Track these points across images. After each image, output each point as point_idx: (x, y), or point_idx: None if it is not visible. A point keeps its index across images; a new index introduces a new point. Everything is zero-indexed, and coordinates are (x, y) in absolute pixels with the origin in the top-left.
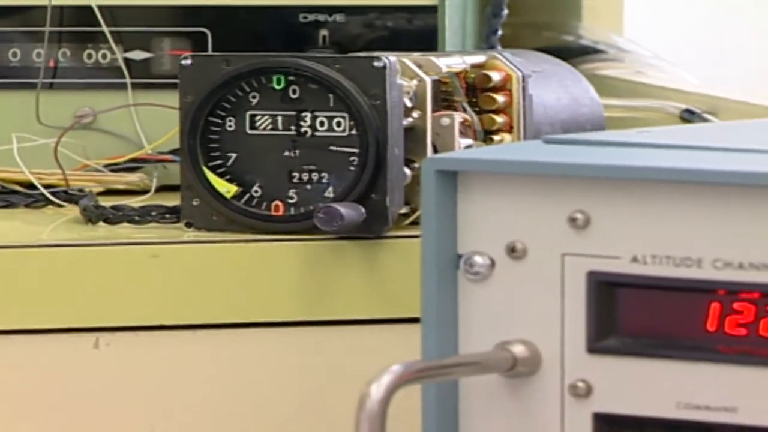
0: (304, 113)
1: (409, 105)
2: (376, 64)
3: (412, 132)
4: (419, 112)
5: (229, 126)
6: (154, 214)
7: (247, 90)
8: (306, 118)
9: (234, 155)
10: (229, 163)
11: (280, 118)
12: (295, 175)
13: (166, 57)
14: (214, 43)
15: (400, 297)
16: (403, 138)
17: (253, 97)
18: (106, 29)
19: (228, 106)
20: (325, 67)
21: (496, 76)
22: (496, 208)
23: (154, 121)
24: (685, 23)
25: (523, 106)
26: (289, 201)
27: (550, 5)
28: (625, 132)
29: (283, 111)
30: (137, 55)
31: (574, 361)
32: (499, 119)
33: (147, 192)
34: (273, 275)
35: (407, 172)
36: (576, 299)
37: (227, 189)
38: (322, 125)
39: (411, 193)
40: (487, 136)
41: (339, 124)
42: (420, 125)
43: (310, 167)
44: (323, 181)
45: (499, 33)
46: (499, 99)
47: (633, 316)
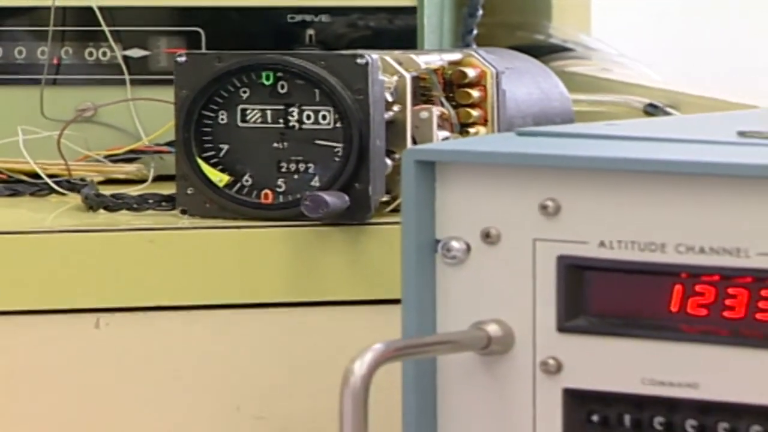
0: (291, 107)
1: (390, 99)
2: (359, 61)
3: (393, 125)
4: (399, 106)
5: (222, 119)
6: (151, 202)
7: (238, 85)
8: (293, 112)
9: (226, 147)
10: (221, 154)
11: (269, 112)
12: (283, 166)
13: (162, 55)
14: (207, 41)
15: (381, 279)
16: (385, 130)
17: (244, 92)
18: (106, 29)
19: (220, 101)
20: (311, 64)
21: (471, 73)
22: (472, 196)
23: (151, 114)
24: (649, 23)
25: (496, 101)
26: (278, 190)
27: (522, 6)
28: (593, 125)
29: (272, 105)
30: (135, 53)
31: (545, 340)
32: (475, 113)
33: (144, 181)
34: (262, 259)
35: (388, 162)
36: (547, 282)
37: (219, 178)
38: (309, 119)
39: (392, 182)
40: (463, 128)
41: (324, 118)
42: (400, 118)
43: (298, 158)
44: (309, 171)
45: (475, 32)
46: (475, 94)
47: (600, 297)
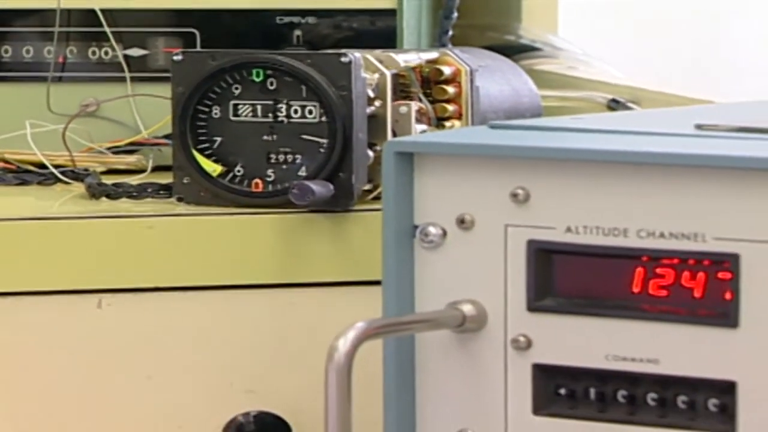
0: (280, 103)
1: (371, 95)
2: (343, 59)
3: (374, 119)
4: (380, 102)
5: (215, 114)
6: (149, 190)
7: (231, 82)
8: (282, 107)
9: (219, 139)
10: (215, 146)
11: (259, 107)
12: (272, 157)
13: (160, 54)
14: (202, 41)
15: (363, 262)
16: (367, 124)
17: (236, 88)
18: (107, 30)
19: (214, 96)
20: (298, 62)
21: (447, 70)
22: (447, 184)
23: (150, 109)
24: (612, 24)
25: (470, 97)
26: (267, 179)
27: (494, 9)
28: (560, 119)
29: (261, 101)
30: (135, 52)
31: (515, 319)
32: (450, 108)
33: (144, 171)
34: (253, 244)
35: (370, 153)
36: (517, 264)
37: (213, 168)
38: (296, 113)
39: (373, 172)
40: (439, 122)
41: (311, 112)
42: (381, 113)
43: (286, 149)
44: (297, 161)
45: (450, 33)
46: (450, 90)
47: (567, 279)
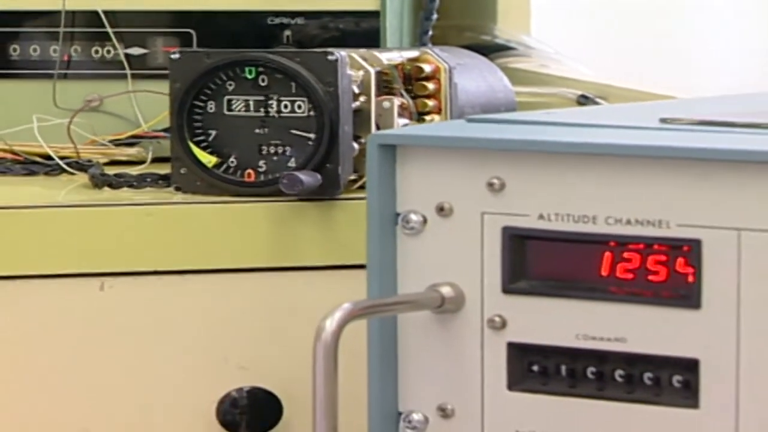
0: (271, 98)
1: (356, 91)
2: (329, 57)
3: (359, 113)
4: (365, 97)
5: (210, 108)
6: (149, 180)
7: (225, 79)
8: (273, 103)
9: (214, 132)
10: (210, 139)
11: (251, 102)
12: (264, 149)
13: (159, 52)
14: (198, 41)
15: (349, 248)
16: (352, 118)
17: (230, 84)
18: (110, 30)
19: (209, 92)
20: (288, 60)
21: (427, 68)
22: (428, 175)
23: (150, 104)
24: (582, 25)
25: (449, 92)
26: (259, 170)
27: (471, 10)
28: (533, 113)
29: (254, 96)
30: (135, 51)
31: (491, 300)
32: (430, 103)
33: (143, 162)
34: (246, 230)
35: (355, 146)
36: (493, 249)
37: (209, 160)
38: (286, 108)
39: (358, 163)
40: (420, 116)
41: (300, 107)
42: (365, 108)
43: (276, 142)
44: (287, 153)
45: (430, 33)
46: (430, 86)
47: (540, 263)
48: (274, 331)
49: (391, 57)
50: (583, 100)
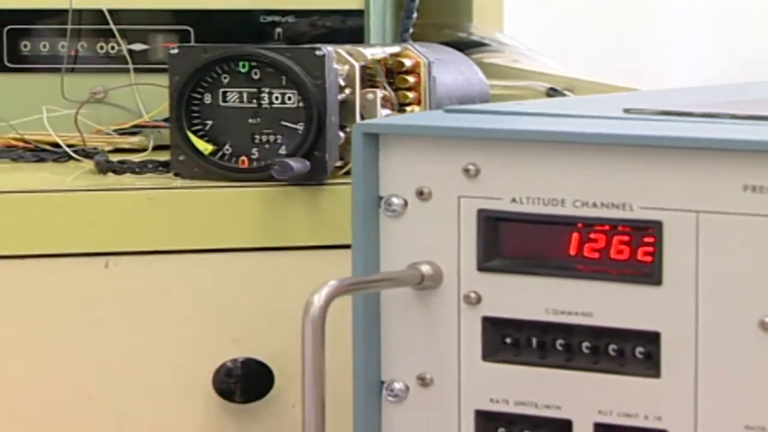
0: (263, 91)
1: (342, 84)
2: (317, 53)
3: (345, 104)
4: (350, 90)
5: (207, 100)
6: (150, 166)
7: (220, 72)
8: (264, 95)
9: (210, 122)
10: (206, 128)
11: (245, 94)
12: (256, 137)
13: (159, 48)
14: (195, 37)
15: (335, 229)
16: (338, 109)
17: (225, 78)
18: (114, 27)
19: (206, 85)
20: (279, 55)
21: (408, 62)
22: (408, 161)
23: (151, 96)
24: (551, 22)
25: (428, 85)
26: (252, 157)
27: (449, 9)
28: (505, 104)
29: (247, 89)
30: (138, 46)
31: (467, 277)
32: (411, 95)
33: (145, 150)
34: (240, 213)
35: (341, 134)
36: (469, 230)
37: (205, 148)
38: (277, 99)
39: (344, 151)
40: (401, 107)
41: (290, 99)
42: (351, 99)
43: (268, 131)
44: (278, 141)
45: (410, 30)
46: (411, 80)
47: (512, 242)
48: (266, 306)
49: (375, 52)
50: (552, 93)
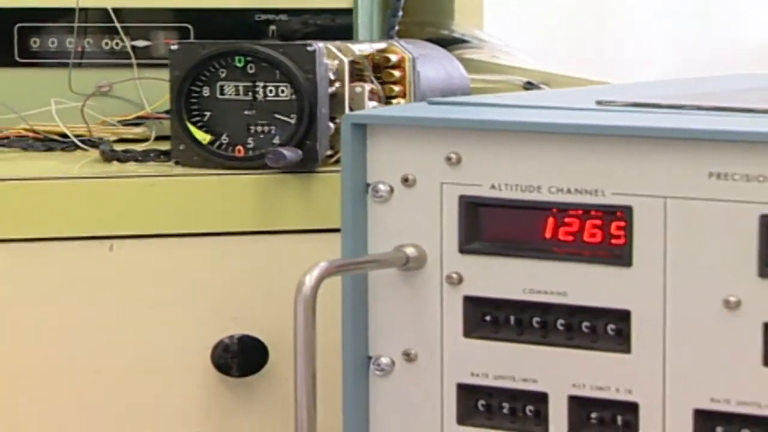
0: (258, 84)
1: (332, 78)
2: (309, 49)
3: (335, 97)
4: (340, 83)
5: (205, 93)
6: (152, 155)
7: (218, 67)
8: (259, 88)
9: (208, 113)
10: (205, 119)
11: (241, 87)
12: (252, 128)
13: (161, 44)
14: (195, 34)
15: (326, 214)
16: (328, 101)
17: (222, 72)
18: (118, 25)
19: (204, 79)
20: (273, 51)
21: (394, 58)
22: (394, 150)
23: (153, 90)
24: (527, 20)
25: (413, 79)
26: (248, 146)
27: (432, 8)
28: (485, 96)
29: (243, 82)
30: (140, 43)
31: (449, 259)
32: (396, 88)
33: (147, 140)
34: (236, 199)
35: (331, 125)
36: (451, 215)
37: (204, 137)
38: (271, 92)
39: (334, 140)
40: (387, 100)
41: (283, 92)
42: (340, 92)
43: (263, 122)
44: (272, 132)
45: (396, 28)
46: (396, 74)
47: (491, 226)
48: (260, 286)
49: (362, 48)
50: (528, 86)
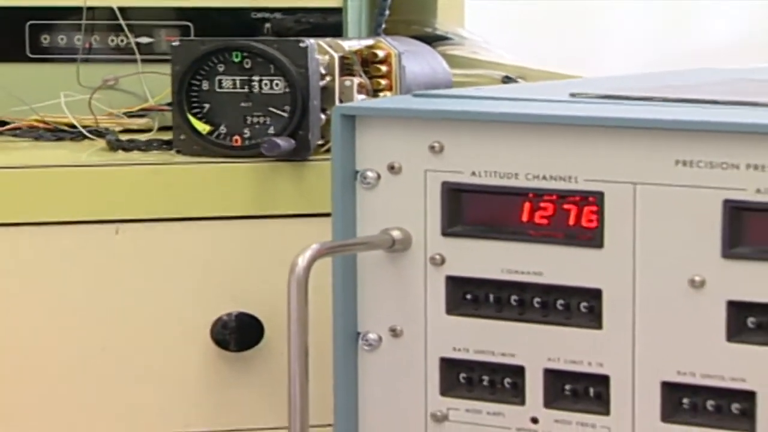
0: (253, 78)
1: (323, 72)
2: (302, 45)
3: (326, 90)
4: (330, 77)
5: (204, 86)
6: (155, 144)
7: (216, 62)
8: (255, 81)
9: (208, 105)
10: (204, 111)
11: (238, 81)
12: (248, 119)
13: (163, 41)
14: (195, 31)
15: (317, 199)
16: (320, 94)
17: (220, 67)
18: (123, 23)
19: (203, 73)
20: (268, 47)
21: (381, 53)
22: (381, 139)
23: (156, 83)
24: (506, 18)
25: (399, 73)
26: (244, 136)
27: (417, 7)
28: (466, 89)
29: (240, 76)
30: (144, 40)
31: (433, 241)
32: (383, 82)
33: (151, 130)
34: (233, 185)
35: (322, 116)
36: (434, 200)
37: (203, 128)
38: (266, 86)
39: (325, 131)
40: (375, 93)
41: (277, 85)
42: (331, 86)
43: (258, 114)
44: (267, 123)
45: (383, 26)
46: (383, 68)
47: (472, 211)
48: (256, 267)
49: (352, 45)
50: (506, 80)
